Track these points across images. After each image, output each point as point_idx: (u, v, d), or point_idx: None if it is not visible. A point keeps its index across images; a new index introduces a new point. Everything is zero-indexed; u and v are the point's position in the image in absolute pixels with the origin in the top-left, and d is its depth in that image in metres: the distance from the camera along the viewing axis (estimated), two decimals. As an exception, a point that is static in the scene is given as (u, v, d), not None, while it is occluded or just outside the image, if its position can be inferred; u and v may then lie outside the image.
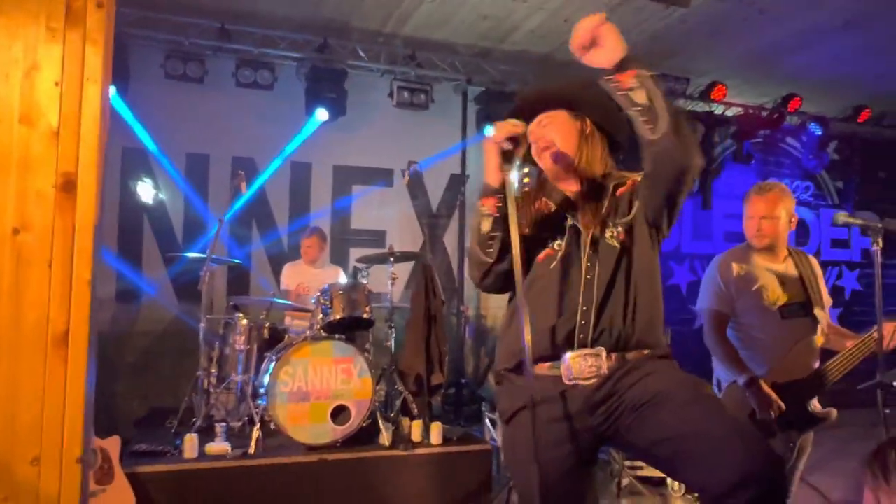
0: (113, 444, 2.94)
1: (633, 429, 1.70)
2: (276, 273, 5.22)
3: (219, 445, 3.47)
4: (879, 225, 2.44)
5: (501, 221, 1.74)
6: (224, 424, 3.67)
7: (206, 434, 3.57)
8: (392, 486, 3.61)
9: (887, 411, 2.50)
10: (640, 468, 4.10)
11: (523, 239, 1.73)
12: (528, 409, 1.70)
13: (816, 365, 2.73)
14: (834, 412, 2.64)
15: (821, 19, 4.87)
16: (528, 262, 1.79)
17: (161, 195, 5.39)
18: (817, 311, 2.76)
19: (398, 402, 4.07)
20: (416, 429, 3.81)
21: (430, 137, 5.93)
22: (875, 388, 2.52)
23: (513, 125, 1.76)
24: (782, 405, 2.53)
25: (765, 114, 6.29)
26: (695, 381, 1.79)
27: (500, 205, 1.74)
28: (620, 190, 1.84)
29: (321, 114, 5.38)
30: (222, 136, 5.47)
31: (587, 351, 1.72)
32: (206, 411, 3.94)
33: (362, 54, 5.45)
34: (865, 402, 2.69)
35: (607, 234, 1.78)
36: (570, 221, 1.81)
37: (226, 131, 5.47)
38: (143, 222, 5.35)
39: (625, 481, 4.05)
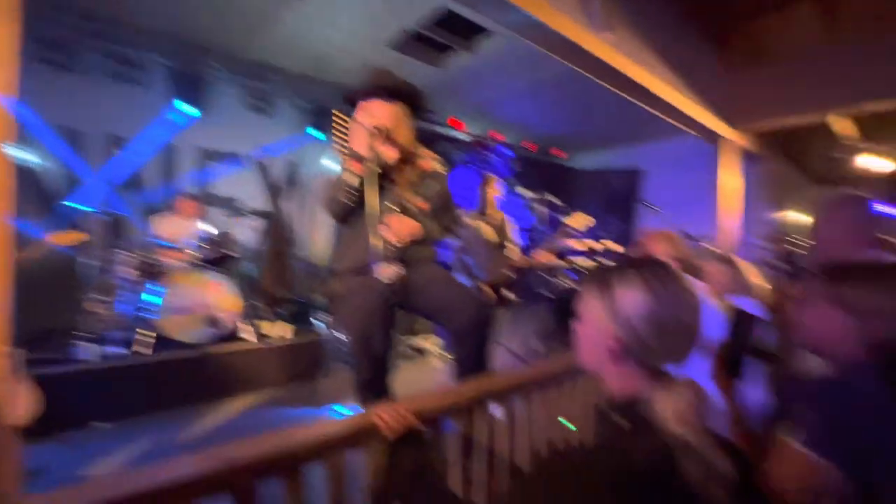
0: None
1: (414, 299, 2.02)
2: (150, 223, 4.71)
3: (116, 351, 3.23)
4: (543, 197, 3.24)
5: (363, 179, 1.85)
6: (117, 334, 3.36)
7: (100, 343, 3.25)
8: (257, 368, 3.70)
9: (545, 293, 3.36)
10: (411, 340, 4.54)
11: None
12: (357, 289, 1.98)
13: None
14: (516, 298, 3.35)
15: (511, 89, 5.80)
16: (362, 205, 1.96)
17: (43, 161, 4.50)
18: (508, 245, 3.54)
19: (258, 311, 4.12)
20: (270, 328, 3.92)
21: (272, 136, 5.71)
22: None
23: (377, 117, 1.85)
24: (493, 294, 3.26)
25: (480, 140, 7.15)
26: (447, 272, 2.19)
27: (365, 168, 1.85)
28: (423, 164, 2.06)
29: (187, 107, 4.92)
30: (99, 118, 4.70)
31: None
32: (99, 327, 3.53)
33: (221, 68, 5.08)
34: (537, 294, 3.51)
35: (409, 199, 2.00)
36: (386, 183, 1.98)
37: (103, 114, 4.70)
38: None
39: (400, 348, 4.45)
